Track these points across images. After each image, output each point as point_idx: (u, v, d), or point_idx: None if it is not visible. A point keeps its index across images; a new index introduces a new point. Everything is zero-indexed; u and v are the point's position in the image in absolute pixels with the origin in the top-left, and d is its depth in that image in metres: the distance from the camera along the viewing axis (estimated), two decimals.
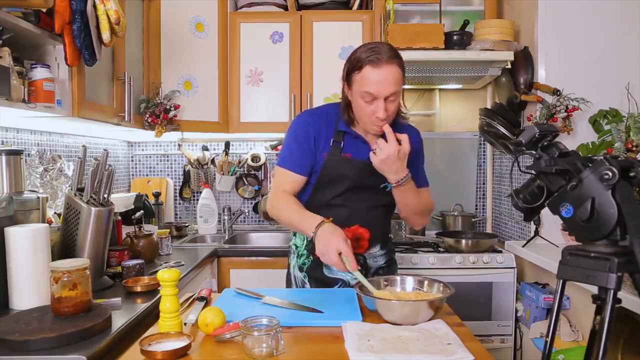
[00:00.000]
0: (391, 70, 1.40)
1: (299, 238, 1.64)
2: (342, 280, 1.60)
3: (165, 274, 1.16)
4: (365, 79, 1.40)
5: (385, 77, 1.39)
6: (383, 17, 2.55)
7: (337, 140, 1.53)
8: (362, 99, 1.42)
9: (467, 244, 2.37)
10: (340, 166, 1.53)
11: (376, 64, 1.39)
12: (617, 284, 0.87)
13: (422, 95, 2.99)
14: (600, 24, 2.26)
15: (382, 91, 1.40)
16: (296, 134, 1.55)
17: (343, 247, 1.27)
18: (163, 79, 2.53)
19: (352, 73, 1.45)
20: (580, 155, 0.97)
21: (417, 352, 1.00)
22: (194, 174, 2.98)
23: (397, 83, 1.42)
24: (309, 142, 1.52)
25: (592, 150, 2.05)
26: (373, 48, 1.42)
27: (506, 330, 2.35)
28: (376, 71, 1.39)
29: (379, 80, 1.39)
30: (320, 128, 1.54)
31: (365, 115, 1.46)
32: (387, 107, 1.42)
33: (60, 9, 1.54)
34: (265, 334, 1.00)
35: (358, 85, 1.43)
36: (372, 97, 1.41)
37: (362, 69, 1.41)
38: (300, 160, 1.53)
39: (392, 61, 1.40)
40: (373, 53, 1.40)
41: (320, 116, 1.57)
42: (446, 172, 2.95)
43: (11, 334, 1.11)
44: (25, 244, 1.34)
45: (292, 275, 1.65)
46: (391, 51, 1.42)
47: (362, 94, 1.41)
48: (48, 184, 1.90)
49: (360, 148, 1.54)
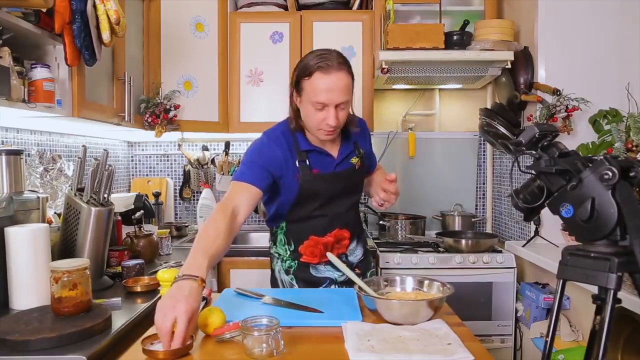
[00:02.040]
0: (340, 76, 1.39)
1: (280, 247, 1.66)
2: (329, 279, 1.63)
3: (165, 274, 1.17)
4: (314, 85, 1.40)
5: (335, 83, 1.39)
6: (383, 17, 2.54)
7: (302, 160, 1.53)
8: (313, 106, 1.42)
9: (467, 244, 2.37)
10: (315, 184, 1.54)
11: (327, 71, 1.38)
12: (617, 284, 0.87)
13: (422, 95, 2.99)
14: (600, 24, 2.26)
15: (334, 98, 1.40)
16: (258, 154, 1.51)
17: (181, 317, 1.00)
18: (163, 79, 2.53)
19: (301, 79, 1.44)
20: (580, 155, 0.97)
21: (417, 352, 1.00)
22: (194, 174, 2.98)
23: (347, 90, 1.42)
24: (269, 166, 1.49)
25: (592, 150, 2.05)
26: (322, 54, 1.41)
27: (506, 330, 2.35)
28: (327, 77, 1.38)
29: (330, 87, 1.39)
30: (281, 152, 1.51)
31: (314, 122, 1.46)
32: (338, 114, 1.43)
33: (60, 9, 1.54)
34: (265, 334, 1.00)
35: (308, 92, 1.42)
36: (322, 104, 1.41)
37: (312, 75, 1.40)
38: (258, 176, 1.47)
39: (341, 67, 1.40)
40: (322, 59, 1.39)
41: (279, 140, 1.53)
42: (446, 172, 2.95)
43: (11, 334, 1.11)
44: (25, 244, 1.34)
45: (278, 279, 1.67)
46: (340, 57, 1.42)
47: (312, 101, 1.41)
48: (48, 184, 1.90)
49: (324, 160, 1.57)
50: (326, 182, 1.55)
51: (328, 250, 1.58)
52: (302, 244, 1.61)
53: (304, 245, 1.60)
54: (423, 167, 2.94)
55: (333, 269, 1.62)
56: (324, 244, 1.59)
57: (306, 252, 1.61)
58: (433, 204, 2.93)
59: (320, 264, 1.62)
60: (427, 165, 2.95)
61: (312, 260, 1.61)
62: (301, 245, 1.61)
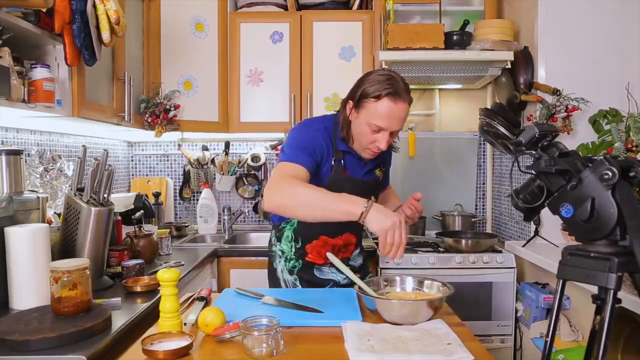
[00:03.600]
0: (404, 107, 1.42)
1: (285, 244, 1.65)
2: (332, 281, 1.63)
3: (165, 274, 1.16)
4: (379, 109, 1.40)
5: (398, 112, 1.41)
6: (383, 17, 2.54)
7: (338, 160, 1.53)
8: (369, 127, 1.43)
9: (467, 244, 2.37)
10: (344, 185, 1.52)
11: (395, 99, 1.39)
12: (617, 284, 0.87)
13: (422, 95, 2.99)
14: (600, 24, 2.26)
15: (393, 125, 1.42)
16: (304, 140, 1.50)
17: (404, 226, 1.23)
18: (163, 79, 2.53)
19: (365, 98, 1.42)
20: (580, 155, 0.97)
21: (417, 352, 1.00)
22: (194, 174, 2.98)
23: (405, 119, 1.45)
24: (315, 153, 1.48)
25: (592, 150, 2.05)
26: (390, 80, 1.40)
27: (506, 330, 2.35)
28: (393, 106, 1.39)
29: (394, 114, 1.40)
30: (325, 144, 1.51)
31: (365, 142, 1.47)
32: (389, 140, 1.45)
33: (60, 9, 1.54)
34: (265, 334, 1.00)
35: (369, 113, 1.42)
36: (380, 128, 1.42)
37: (381, 98, 1.39)
38: (307, 160, 1.46)
39: (406, 98, 1.42)
40: (391, 86, 1.39)
41: (323, 131, 1.53)
42: (446, 172, 2.95)
43: (11, 334, 1.11)
44: (25, 244, 1.34)
45: (281, 279, 1.66)
46: (406, 86, 1.43)
47: (371, 123, 1.42)
48: (48, 184, 1.90)
49: (357, 165, 1.58)
50: (354, 186, 1.54)
51: (335, 252, 1.58)
52: (310, 242, 1.60)
53: (312, 244, 1.60)
54: (423, 167, 2.94)
55: (337, 271, 1.62)
56: (332, 246, 1.59)
57: (313, 252, 1.60)
58: (433, 204, 2.93)
59: (325, 266, 1.62)
60: (427, 165, 2.95)
61: (317, 260, 1.61)
62: (309, 244, 1.60)
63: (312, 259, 1.61)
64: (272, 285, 1.69)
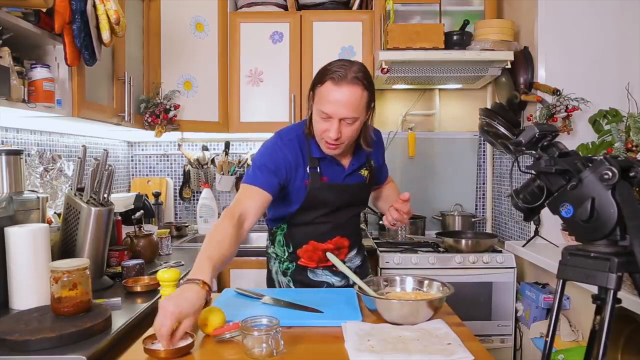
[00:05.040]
0: (352, 90, 1.33)
1: (278, 248, 1.65)
2: (326, 283, 1.63)
3: (165, 274, 1.17)
4: (323, 94, 1.35)
5: (343, 97, 1.32)
6: (383, 17, 2.54)
7: (313, 167, 1.49)
8: (319, 115, 1.39)
9: (467, 244, 2.37)
10: (323, 192, 1.51)
11: (337, 82, 1.33)
12: (617, 284, 0.87)
13: (422, 95, 2.99)
14: (600, 24, 2.26)
15: (338, 111, 1.34)
16: (269, 158, 1.46)
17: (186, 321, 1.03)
18: (163, 79, 2.53)
19: (315, 85, 1.40)
20: (580, 155, 0.97)
21: (417, 352, 0.99)
22: (194, 174, 2.98)
23: (356, 106, 1.34)
24: (279, 170, 1.45)
25: (592, 150, 2.05)
26: (342, 65, 1.35)
27: (506, 330, 2.35)
28: (335, 89, 1.33)
29: (337, 99, 1.33)
30: (293, 157, 1.47)
31: (318, 131, 1.42)
32: (341, 129, 1.37)
33: (60, 9, 1.54)
34: (265, 334, 1.00)
35: (317, 100, 1.39)
36: (326, 114, 1.36)
37: (324, 83, 1.35)
38: (269, 180, 1.43)
39: (355, 82, 1.33)
40: (339, 69, 1.34)
41: (292, 143, 1.49)
42: (446, 172, 2.95)
43: (11, 334, 1.11)
44: (25, 244, 1.34)
45: (275, 280, 1.66)
46: (359, 72, 1.34)
47: (319, 110, 1.37)
48: (48, 184, 1.90)
49: (335, 170, 1.53)
50: (334, 192, 1.53)
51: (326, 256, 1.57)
52: (301, 247, 1.59)
53: (302, 249, 1.59)
54: (423, 167, 2.94)
55: (331, 273, 1.61)
56: (323, 250, 1.58)
57: (304, 256, 1.60)
58: (433, 204, 2.93)
59: (318, 268, 1.61)
60: (427, 165, 2.95)
61: (309, 264, 1.60)
62: (300, 249, 1.60)
63: (304, 263, 1.61)
64: (269, 287, 1.70)
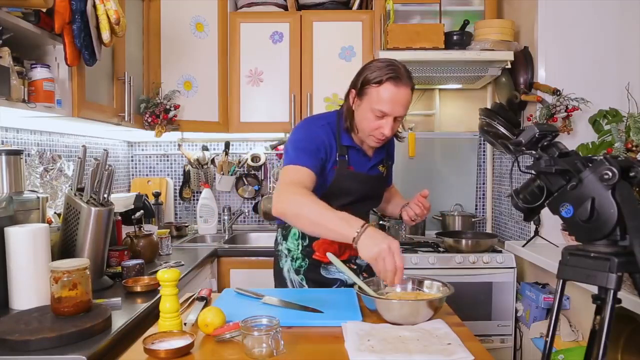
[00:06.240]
0: (407, 91, 1.42)
1: (291, 242, 1.64)
2: (340, 280, 1.62)
3: (165, 274, 1.16)
4: (382, 94, 1.41)
5: (401, 96, 1.41)
6: (383, 17, 2.54)
7: (342, 155, 1.53)
8: (372, 113, 1.43)
9: (467, 244, 2.37)
10: (350, 180, 1.55)
11: (397, 82, 1.40)
12: (617, 284, 0.87)
13: (422, 95, 2.99)
14: (600, 24, 2.26)
15: (396, 110, 1.42)
16: (307, 139, 1.49)
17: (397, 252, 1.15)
18: (163, 79, 2.53)
19: (367, 85, 1.43)
20: (580, 155, 0.97)
21: (417, 352, 0.99)
22: (194, 174, 2.98)
23: (408, 105, 1.46)
24: (319, 151, 1.48)
25: (592, 150, 2.05)
26: (392, 65, 1.42)
27: (506, 330, 2.35)
28: (396, 89, 1.40)
29: (396, 98, 1.41)
30: (328, 141, 1.51)
31: (368, 129, 1.47)
32: (393, 125, 1.45)
33: (60, 9, 1.54)
34: (265, 334, 1.00)
35: (372, 99, 1.43)
36: (383, 113, 1.42)
37: (382, 83, 1.40)
38: (311, 160, 1.45)
39: (408, 83, 1.42)
40: (393, 71, 1.40)
41: (326, 127, 1.53)
42: (446, 172, 2.95)
43: (11, 334, 1.11)
44: (25, 244, 1.34)
45: (287, 279, 1.65)
46: (408, 72, 1.44)
47: (374, 109, 1.42)
48: (48, 184, 1.90)
49: (361, 160, 1.58)
50: (358, 181, 1.56)
51: (342, 250, 1.57)
52: (317, 239, 1.58)
53: (318, 242, 1.58)
54: (423, 167, 2.94)
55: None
56: (339, 243, 1.57)
57: (319, 249, 1.59)
58: (433, 204, 2.90)
59: (331, 264, 1.61)
60: (427, 165, 2.95)
61: (323, 258, 1.59)
62: (316, 241, 1.59)
63: (318, 257, 1.60)
64: (278, 285, 1.68)
